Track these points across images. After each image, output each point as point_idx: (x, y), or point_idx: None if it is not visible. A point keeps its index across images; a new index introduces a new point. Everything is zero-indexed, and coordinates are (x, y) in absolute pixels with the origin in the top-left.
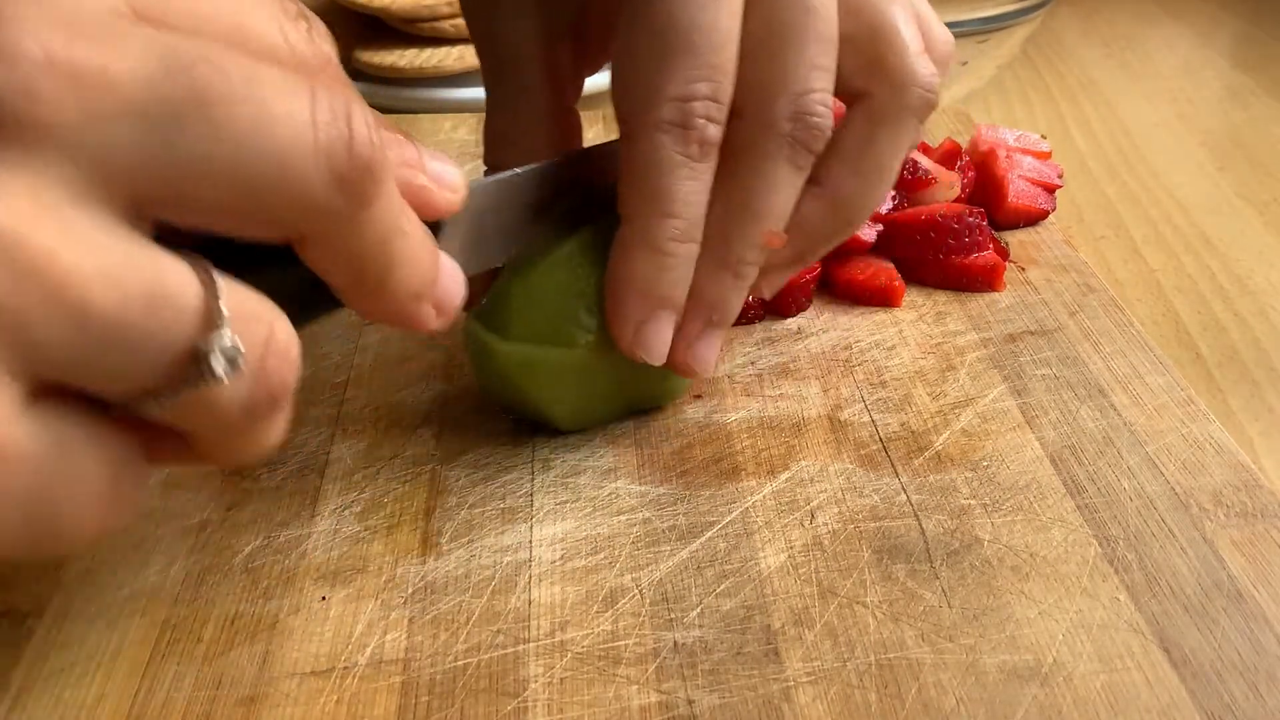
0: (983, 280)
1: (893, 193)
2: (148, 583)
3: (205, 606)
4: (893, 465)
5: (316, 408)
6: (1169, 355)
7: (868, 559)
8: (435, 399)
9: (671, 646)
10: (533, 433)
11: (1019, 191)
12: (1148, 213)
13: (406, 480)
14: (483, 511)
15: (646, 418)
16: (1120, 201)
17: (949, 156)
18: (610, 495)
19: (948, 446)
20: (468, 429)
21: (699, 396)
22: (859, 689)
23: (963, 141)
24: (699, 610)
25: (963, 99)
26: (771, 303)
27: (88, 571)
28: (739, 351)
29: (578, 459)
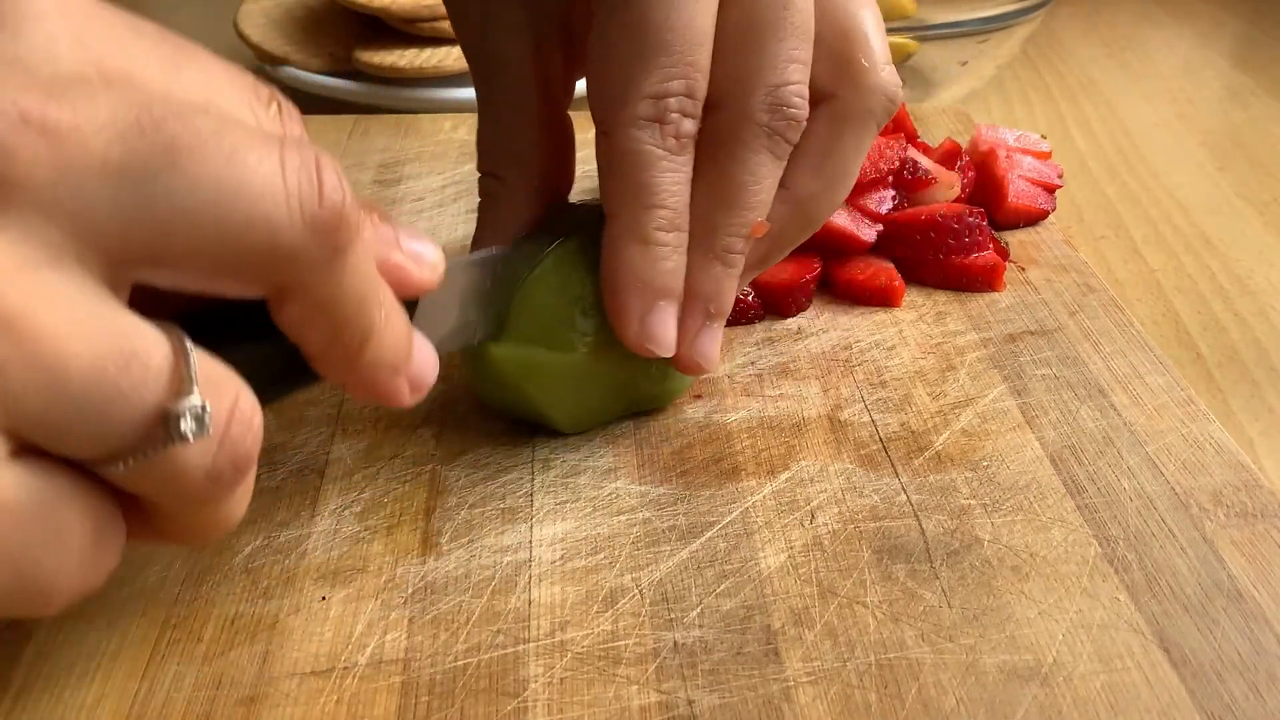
0: (983, 280)
1: (893, 193)
2: (148, 583)
3: (205, 606)
4: (893, 465)
5: (316, 408)
6: (1169, 355)
7: (868, 559)
8: (435, 399)
9: (671, 646)
10: (533, 433)
11: (1019, 191)
12: (1148, 213)
13: (406, 480)
14: (483, 511)
15: (646, 418)
16: (1120, 201)
17: (949, 156)
18: (610, 495)
19: (948, 446)
20: (468, 429)
21: (699, 397)
22: (859, 689)
23: (963, 141)
24: (699, 610)
25: (963, 99)
26: (771, 303)
27: None
28: (739, 351)
29: (578, 459)
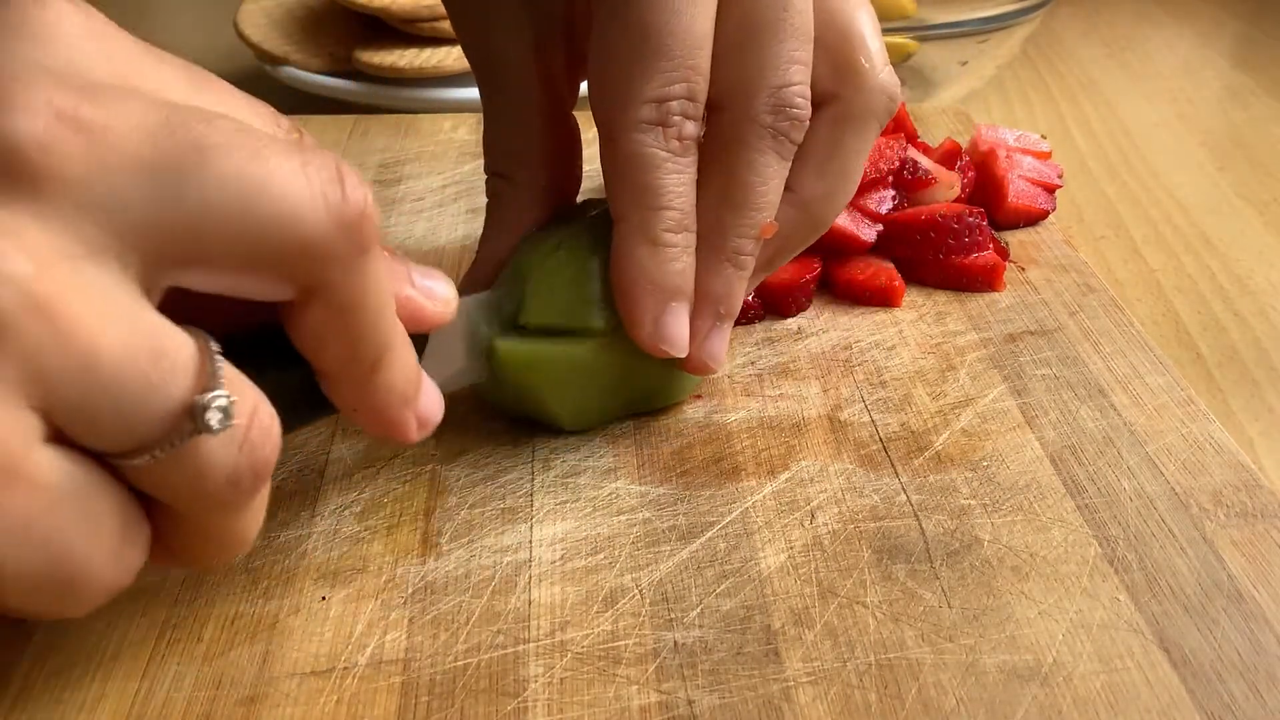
0: (983, 280)
1: (893, 193)
2: (148, 583)
3: (205, 606)
4: (893, 465)
5: None
6: (1169, 355)
7: (868, 559)
8: None
9: (671, 646)
10: (533, 433)
11: (1019, 191)
12: (1148, 213)
13: (406, 480)
14: (483, 511)
15: (647, 418)
16: (1120, 201)
17: (949, 156)
18: (610, 495)
19: (948, 446)
20: (468, 429)
21: (699, 396)
22: (859, 689)
23: (963, 141)
24: (699, 610)
25: (963, 99)
26: (771, 303)
27: None
28: (739, 351)
29: (578, 459)
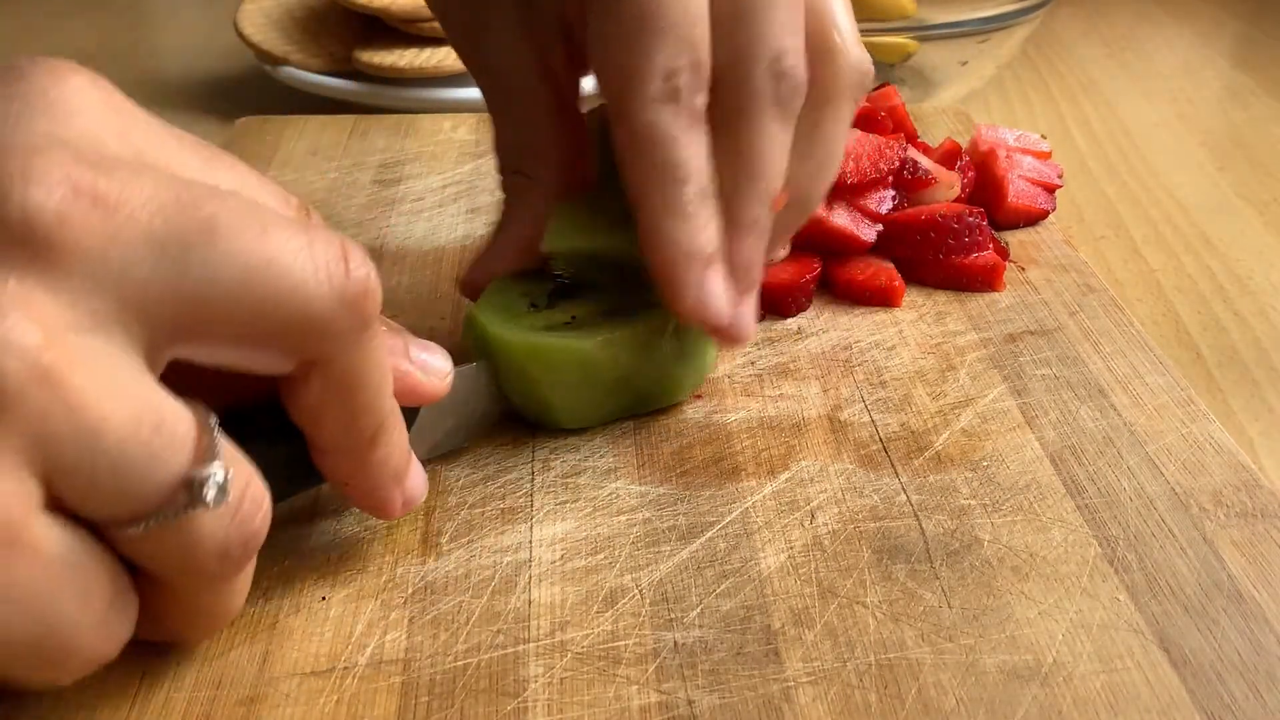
0: (983, 280)
1: (893, 193)
2: None
3: None
4: (893, 465)
5: None
6: (1169, 355)
7: (868, 559)
8: None
9: (671, 646)
10: (533, 433)
11: (1019, 191)
12: (1148, 213)
13: None
14: (483, 511)
15: (647, 418)
16: (1120, 201)
17: (949, 156)
18: (610, 495)
19: (948, 446)
20: None
21: (699, 396)
22: (859, 689)
23: (963, 141)
24: (699, 610)
25: (963, 99)
26: (771, 303)
27: None
28: (739, 351)
29: (578, 459)
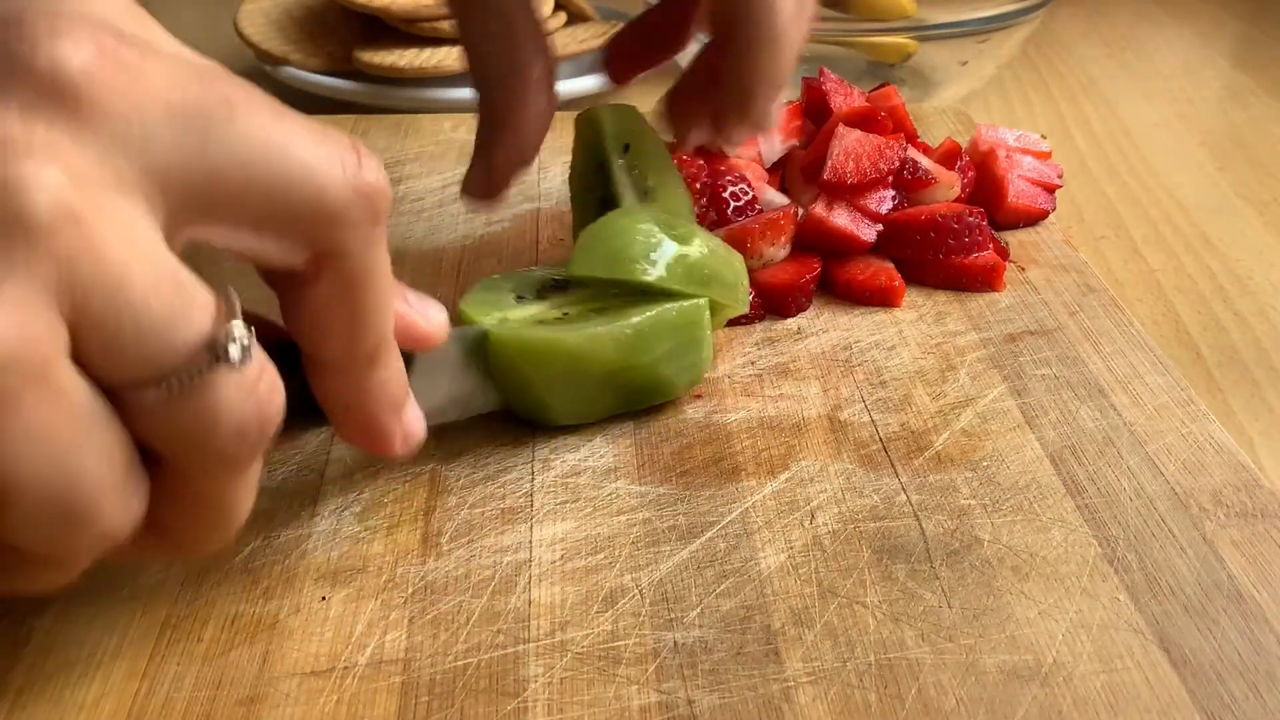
0: (983, 280)
1: (893, 193)
2: (148, 583)
3: (205, 606)
4: (893, 465)
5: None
6: (1169, 355)
7: (868, 559)
8: None
9: (671, 646)
10: (533, 433)
11: (1019, 191)
12: (1148, 213)
13: (406, 480)
14: (483, 511)
15: (647, 417)
16: (1120, 201)
17: (949, 156)
18: (610, 495)
19: (948, 446)
20: (468, 429)
21: (699, 396)
22: (859, 689)
23: (963, 141)
24: (699, 610)
25: (963, 99)
26: (771, 303)
27: (88, 571)
28: (739, 351)
29: (578, 459)
